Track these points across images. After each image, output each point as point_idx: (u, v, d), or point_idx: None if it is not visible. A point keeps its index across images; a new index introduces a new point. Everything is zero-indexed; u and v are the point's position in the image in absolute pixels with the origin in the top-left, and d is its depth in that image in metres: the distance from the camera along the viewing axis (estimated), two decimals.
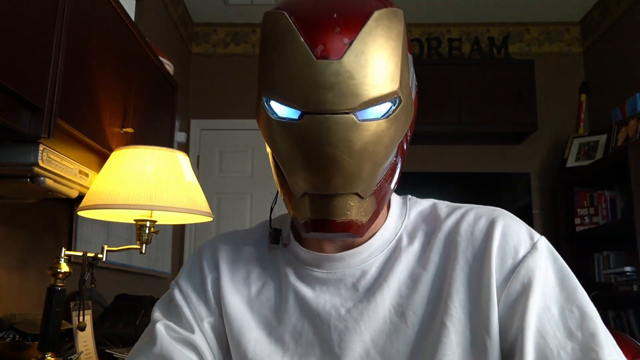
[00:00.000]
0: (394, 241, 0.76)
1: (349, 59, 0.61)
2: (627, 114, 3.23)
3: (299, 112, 0.63)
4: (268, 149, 0.71)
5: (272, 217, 0.84)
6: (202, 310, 0.80)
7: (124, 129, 1.84)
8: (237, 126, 3.97)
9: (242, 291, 0.79)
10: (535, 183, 3.90)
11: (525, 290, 0.68)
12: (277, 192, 0.75)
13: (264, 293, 0.79)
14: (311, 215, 0.67)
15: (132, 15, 2.20)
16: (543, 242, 0.71)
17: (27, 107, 1.28)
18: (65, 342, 1.62)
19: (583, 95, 3.94)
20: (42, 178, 1.41)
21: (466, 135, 3.86)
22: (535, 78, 3.75)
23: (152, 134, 2.19)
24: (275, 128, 0.66)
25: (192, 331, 0.78)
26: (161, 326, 0.78)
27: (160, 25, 3.36)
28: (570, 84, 3.99)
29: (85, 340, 1.56)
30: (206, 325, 0.79)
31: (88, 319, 1.56)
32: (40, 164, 1.36)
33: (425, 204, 0.81)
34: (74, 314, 1.53)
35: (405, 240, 0.76)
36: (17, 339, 1.58)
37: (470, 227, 0.74)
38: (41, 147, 1.36)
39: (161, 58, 2.31)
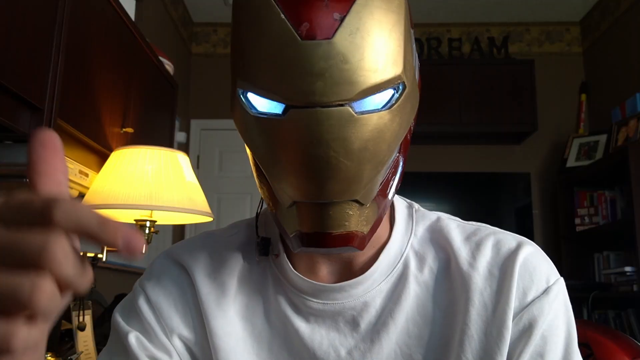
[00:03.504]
0: (399, 264, 0.66)
1: (341, 38, 0.50)
2: (627, 114, 3.23)
3: (283, 106, 0.52)
4: (248, 150, 0.59)
5: (256, 220, 0.72)
6: (179, 327, 0.67)
7: (124, 129, 1.84)
8: None
9: (227, 310, 0.67)
10: (535, 183, 3.90)
11: (524, 336, 0.62)
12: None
13: (249, 316, 0.68)
14: (302, 228, 0.56)
15: (132, 15, 2.20)
16: (558, 287, 0.64)
17: (27, 107, 1.28)
18: (65, 342, 1.62)
19: (583, 95, 3.94)
20: None
21: (466, 135, 3.85)
22: (535, 78, 3.75)
23: (152, 134, 2.19)
24: (254, 126, 0.54)
25: (168, 353, 0.66)
26: (133, 339, 0.66)
27: (160, 25, 3.36)
28: (570, 84, 3.99)
29: (85, 340, 1.56)
30: (178, 344, 0.67)
31: (88, 319, 1.56)
32: None
33: (431, 217, 0.71)
34: (74, 314, 1.53)
35: (413, 264, 0.67)
36: None
37: (488, 264, 0.64)
38: None
39: (161, 58, 2.31)
